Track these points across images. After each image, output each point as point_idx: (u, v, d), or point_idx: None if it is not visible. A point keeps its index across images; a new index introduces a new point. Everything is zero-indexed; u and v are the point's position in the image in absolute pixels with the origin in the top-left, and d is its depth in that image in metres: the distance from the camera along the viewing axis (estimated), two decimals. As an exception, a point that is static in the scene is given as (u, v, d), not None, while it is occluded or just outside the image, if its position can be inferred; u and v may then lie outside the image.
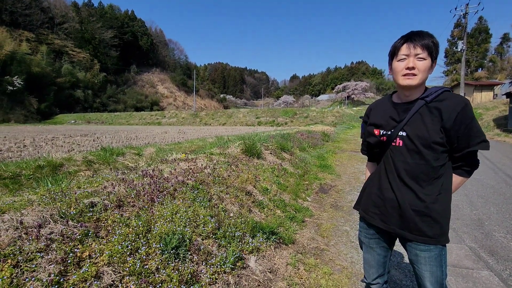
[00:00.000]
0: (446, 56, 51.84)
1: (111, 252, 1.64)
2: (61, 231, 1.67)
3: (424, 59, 1.18)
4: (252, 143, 5.06)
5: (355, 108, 44.71)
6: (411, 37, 1.20)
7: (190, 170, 3.27)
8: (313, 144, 9.26)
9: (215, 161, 3.98)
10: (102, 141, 12.13)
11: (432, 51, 1.18)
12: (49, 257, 1.49)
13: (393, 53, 1.27)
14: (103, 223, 1.88)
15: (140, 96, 70.47)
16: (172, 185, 2.66)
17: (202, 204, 2.53)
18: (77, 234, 1.68)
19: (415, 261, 1.29)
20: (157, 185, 2.56)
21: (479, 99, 31.26)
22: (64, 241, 1.61)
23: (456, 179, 1.28)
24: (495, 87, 33.32)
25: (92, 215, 1.90)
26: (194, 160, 3.81)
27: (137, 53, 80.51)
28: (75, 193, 2.12)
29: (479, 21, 49.13)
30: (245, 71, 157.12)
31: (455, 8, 23.11)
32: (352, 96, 76.20)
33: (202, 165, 3.61)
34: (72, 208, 1.89)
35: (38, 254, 1.49)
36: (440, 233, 1.22)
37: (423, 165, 1.20)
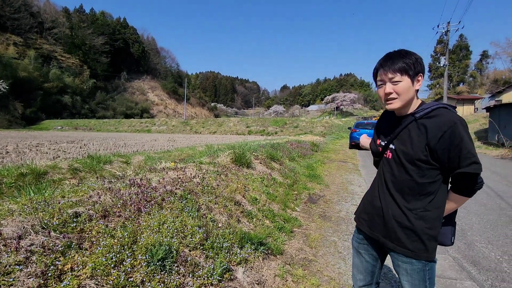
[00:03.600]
0: (430, 71, 53.93)
1: (95, 264, 1.60)
2: (42, 242, 1.62)
3: (400, 81, 1.18)
4: (242, 152, 5.07)
5: (343, 119, 45.50)
6: (383, 64, 1.22)
7: (179, 179, 3.24)
8: (302, 154, 9.34)
9: (204, 170, 3.96)
10: (89, 148, 11.86)
11: (406, 70, 1.17)
12: (28, 270, 1.44)
13: (374, 79, 1.31)
14: (87, 234, 1.84)
15: (130, 103, 69.65)
16: (160, 195, 2.63)
17: (190, 214, 2.51)
18: (59, 246, 1.63)
19: (397, 271, 1.32)
20: (145, 195, 2.53)
21: (461, 113, 32.45)
22: (45, 253, 1.56)
23: (454, 197, 1.24)
24: (475, 101, 34.72)
25: (76, 225, 1.85)
26: (183, 169, 3.78)
27: (128, 60, 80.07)
28: (59, 203, 2.06)
29: (460, 38, 51.62)
30: (236, 80, 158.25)
31: (437, 26, 24.18)
32: (341, 107, 77.78)
33: (191, 174, 3.58)
34: (55, 219, 1.84)
35: (17, 267, 1.43)
36: (421, 248, 1.21)
37: (407, 179, 1.21)
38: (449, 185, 1.27)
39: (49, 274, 1.45)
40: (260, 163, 5.65)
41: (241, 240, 2.52)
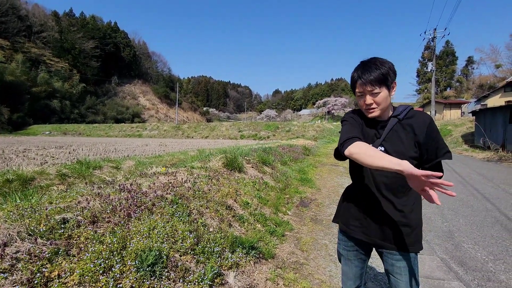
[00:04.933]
0: (418, 76, 55.25)
1: (83, 270, 1.58)
2: (29, 249, 1.59)
3: (379, 92, 1.24)
4: (233, 156, 5.07)
5: (335, 123, 45.99)
6: (361, 76, 1.25)
7: (170, 184, 3.22)
8: (294, 158, 9.39)
9: (196, 175, 3.95)
10: (79, 154, 11.64)
11: (383, 81, 1.23)
12: (13, 277, 1.41)
13: (352, 87, 1.34)
14: (75, 240, 1.81)
15: (121, 108, 68.75)
16: (150, 200, 2.61)
17: (181, 219, 2.50)
18: (46, 253, 1.60)
19: (391, 271, 1.35)
20: (135, 200, 2.50)
21: (449, 116, 33.29)
22: (31, 260, 1.53)
23: None
24: (462, 105, 35.68)
25: (63, 232, 1.82)
26: (174, 174, 3.76)
27: (119, 64, 79.28)
28: (46, 209, 2.03)
29: (446, 44, 53.15)
30: (228, 85, 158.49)
31: (424, 32, 24.90)
32: (332, 111, 78.74)
33: (182, 179, 3.57)
34: (42, 225, 1.81)
35: (2, 274, 1.40)
36: (415, 240, 1.31)
37: (400, 178, 1.23)
38: None
39: (35, 282, 1.42)
40: (252, 167, 5.66)
41: (232, 244, 2.52)
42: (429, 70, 25.16)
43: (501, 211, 4.76)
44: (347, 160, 1.41)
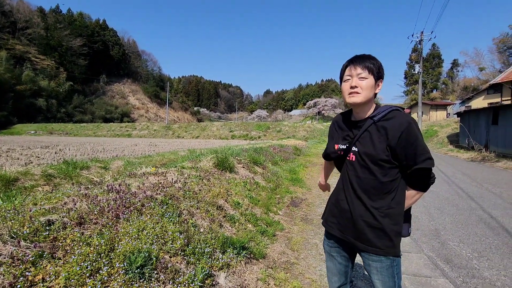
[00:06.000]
0: (406, 77, 56.38)
1: (69, 274, 1.53)
2: (11, 252, 1.54)
3: (366, 78, 1.27)
4: (224, 156, 5.05)
5: (325, 124, 46.42)
6: (353, 60, 1.32)
7: (160, 185, 3.18)
8: (285, 158, 9.43)
9: (186, 175, 3.91)
10: (65, 154, 11.35)
11: (373, 70, 1.27)
12: (-5, 282, 1.36)
13: (341, 76, 1.38)
14: (61, 242, 1.76)
15: (110, 107, 67.36)
16: (139, 200, 2.57)
17: (171, 220, 2.47)
18: (30, 256, 1.55)
19: (368, 270, 1.36)
20: (124, 201, 2.46)
21: (435, 118, 34.12)
22: (14, 264, 1.48)
23: (411, 193, 1.32)
24: (448, 106, 36.65)
25: (48, 234, 1.77)
26: (164, 174, 3.71)
27: (108, 63, 77.67)
28: (30, 211, 1.97)
29: (433, 47, 54.44)
30: (219, 84, 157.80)
31: (412, 35, 25.45)
32: (323, 112, 79.50)
33: (172, 179, 3.52)
34: (25, 227, 1.75)
35: (-17, 279, 1.35)
36: (389, 245, 1.27)
37: (372, 180, 1.27)
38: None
39: (18, 286, 1.38)
40: (243, 167, 5.65)
41: (223, 245, 2.51)
42: (416, 72, 25.75)
43: (485, 210, 4.91)
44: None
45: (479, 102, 26.57)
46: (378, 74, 1.30)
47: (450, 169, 9.95)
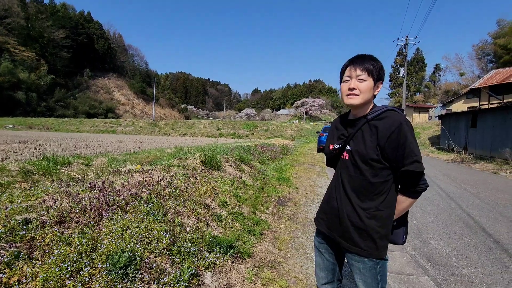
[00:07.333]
0: (391, 80, 57.82)
1: (47, 275, 1.46)
2: (-15, 253, 1.45)
3: (365, 80, 1.26)
4: (212, 154, 5.00)
5: (312, 124, 47.03)
6: (353, 61, 1.30)
7: (145, 182, 3.10)
8: (272, 157, 9.46)
9: (172, 173, 3.84)
10: (46, 149, 10.91)
11: (373, 72, 1.26)
12: (-34, 284, 1.28)
13: (341, 76, 1.38)
14: (39, 242, 1.68)
15: (94, 102, 65.29)
16: (124, 198, 2.49)
17: (157, 219, 2.41)
18: (5, 256, 1.47)
19: (352, 270, 1.37)
20: (107, 199, 2.38)
21: (417, 120, 35.16)
22: (-13, 265, 1.40)
23: (401, 199, 1.30)
24: (430, 109, 37.83)
25: (25, 233, 1.69)
26: (150, 172, 3.63)
27: (93, 57, 75.26)
28: (6, 209, 1.87)
29: (417, 51, 56.05)
30: (207, 82, 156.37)
31: (397, 39, 26.10)
32: (310, 112, 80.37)
33: (158, 177, 3.45)
34: (0, 226, 1.66)
35: (-48, 281, 1.27)
36: (372, 247, 1.26)
37: (362, 179, 1.27)
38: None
39: (-8, 289, 1.30)
40: (231, 165, 5.62)
41: (209, 244, 2.48)
42: (401, 75, 26.47)
43: (464, 209, 5.11)
44: (324, 160, 1.50)
45: (459, 106, 27.58)
46: (378, 76, 1.28)
47: (431, 170, 10.29)
